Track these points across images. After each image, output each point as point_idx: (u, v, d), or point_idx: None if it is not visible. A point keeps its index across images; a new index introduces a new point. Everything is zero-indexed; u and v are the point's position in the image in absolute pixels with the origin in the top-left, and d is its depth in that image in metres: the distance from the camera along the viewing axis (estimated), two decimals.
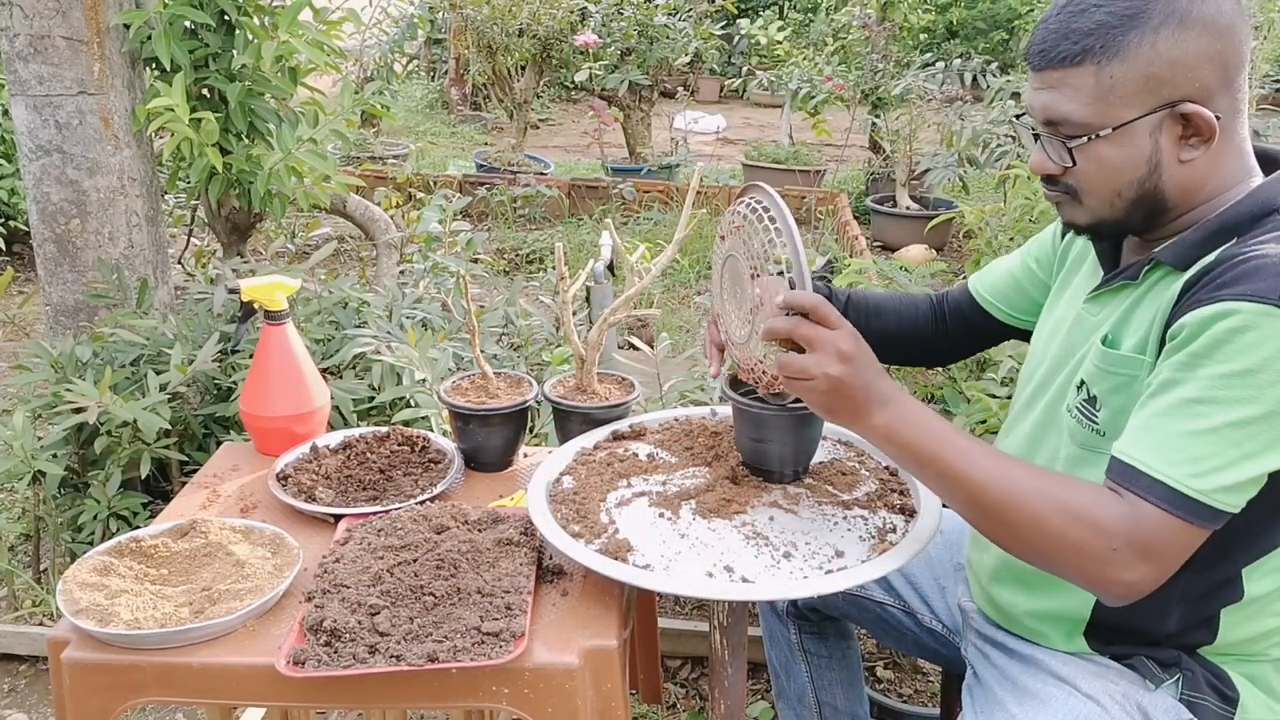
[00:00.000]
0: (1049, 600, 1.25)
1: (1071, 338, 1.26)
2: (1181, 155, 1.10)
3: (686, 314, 4.51)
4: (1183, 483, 1.01)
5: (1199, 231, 1.12)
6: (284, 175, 2.75)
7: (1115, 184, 1.12)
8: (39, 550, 2.47)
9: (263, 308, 1.65)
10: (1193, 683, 1.18)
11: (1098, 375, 1.16)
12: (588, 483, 1.39)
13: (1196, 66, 1.06)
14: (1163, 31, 1.05)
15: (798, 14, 10.17)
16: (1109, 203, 1.14)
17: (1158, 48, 1.05)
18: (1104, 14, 1.06)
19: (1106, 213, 1.15)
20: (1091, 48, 1.07)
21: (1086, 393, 1.18)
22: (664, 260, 1.60)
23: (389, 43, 6.00)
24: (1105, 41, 1.06)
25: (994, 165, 4.31)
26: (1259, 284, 1.01)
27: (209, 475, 1.62)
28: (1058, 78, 1.10)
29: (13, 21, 2.44)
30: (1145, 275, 1.16)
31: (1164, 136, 1.09)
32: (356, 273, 4.38)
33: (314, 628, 1.16)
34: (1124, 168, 1.11)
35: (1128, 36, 1.05)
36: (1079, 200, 1.16)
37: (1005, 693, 1.26)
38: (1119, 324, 1.17)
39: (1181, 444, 1.02)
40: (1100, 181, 1.13)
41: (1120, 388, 1.14)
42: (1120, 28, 1.05)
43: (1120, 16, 1.06)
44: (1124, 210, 1.14)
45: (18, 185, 4.43)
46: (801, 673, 1.69)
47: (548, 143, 8.58)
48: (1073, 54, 1.08)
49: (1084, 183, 1.14)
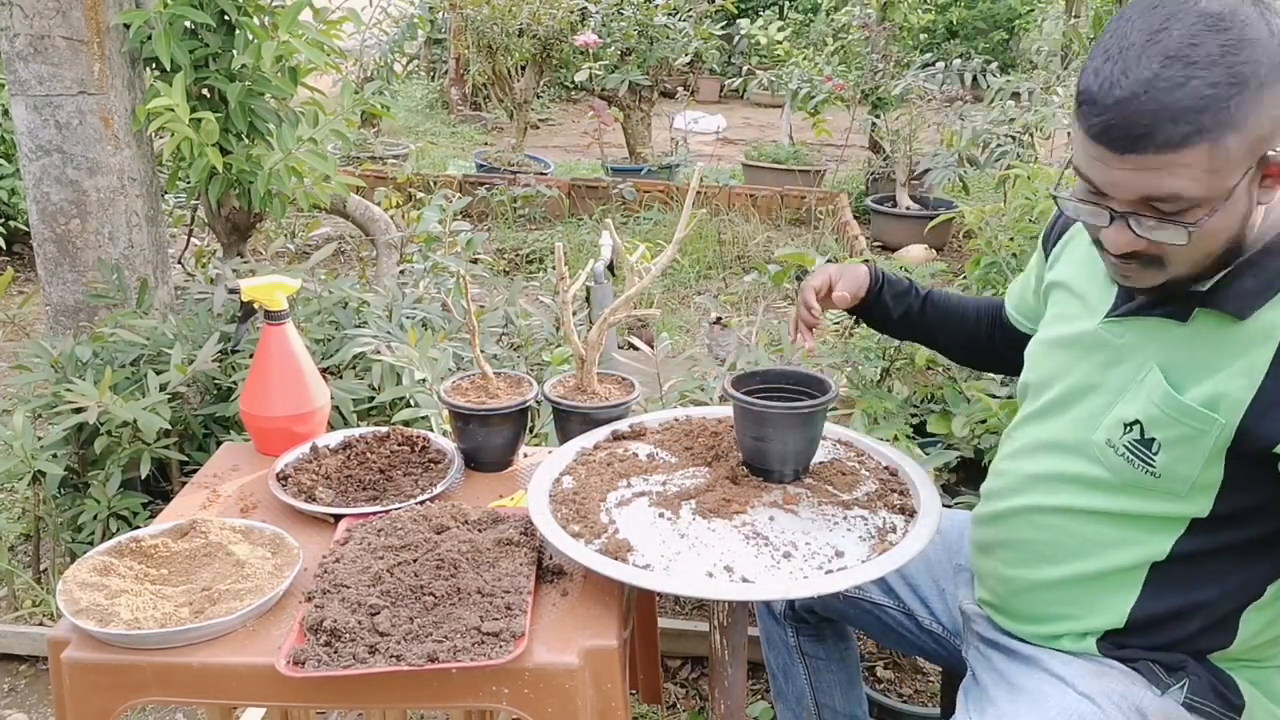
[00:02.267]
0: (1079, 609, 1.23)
1: (1096, 357, 1.21)
2: (1260, 199, 1.05)
3: (686, 314, 4.51)
4: None
5: (1253, 278, 1.07)
6: (284, 175, 2.75)
7: (1210, 247, 1.06)
8: (39, 550, 2.47)
9: (263, 308, 1.65)
10: (1198, 688, 1.18)
11: (1162, 421, 1.11)
12: (588, 483, 1.39)
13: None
14: (1265, 91, 0.97)
15: (798, 14, 10.17)
16: (1196, 264, 1.08)
17: (1263, 107, 0.97)
18: (1207, 86, 0.96)
19: (1187, 272, 1.08)
20: (1205, 126, 0.96)
21: (1140, 433, 1.12)
22: (664, 260, 1.60)
23: (389, 43, 6.00)
24: (1218, 117, 0.96)
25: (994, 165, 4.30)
26: None
27: (209, 475, 1.62)
28: (1165, 160, 0.98)
29: (13, 21, 2.44)
30: (1196, 318, 1.11)
31: (1252, 187, 1.03)
32: (356, 273, 4.38)
33: (314, 628, 1.16)
34: (1223, 230, 1.05)
35: (1240, 105, 0.96)
36: (1161, 267, 1.08)
37: (1000, 691, 1.25)
38: (1176, 367, 1.12)
39: None
40: (1197, 250, 1.06)
41: (1187, 439, 1.10)
42: (1231, 99, 0.96)
43: (1226, 85, 0.96)
44: (1206, 267, 1.08)
45: (18, 185, 4.43)
46: (800, 675, 1.68)
47: (548, 143, 8.58)
48: (1186, 135, 0.97)
49: (1179, 255, 1.06)
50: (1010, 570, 1.30)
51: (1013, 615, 1.32)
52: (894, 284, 1.55)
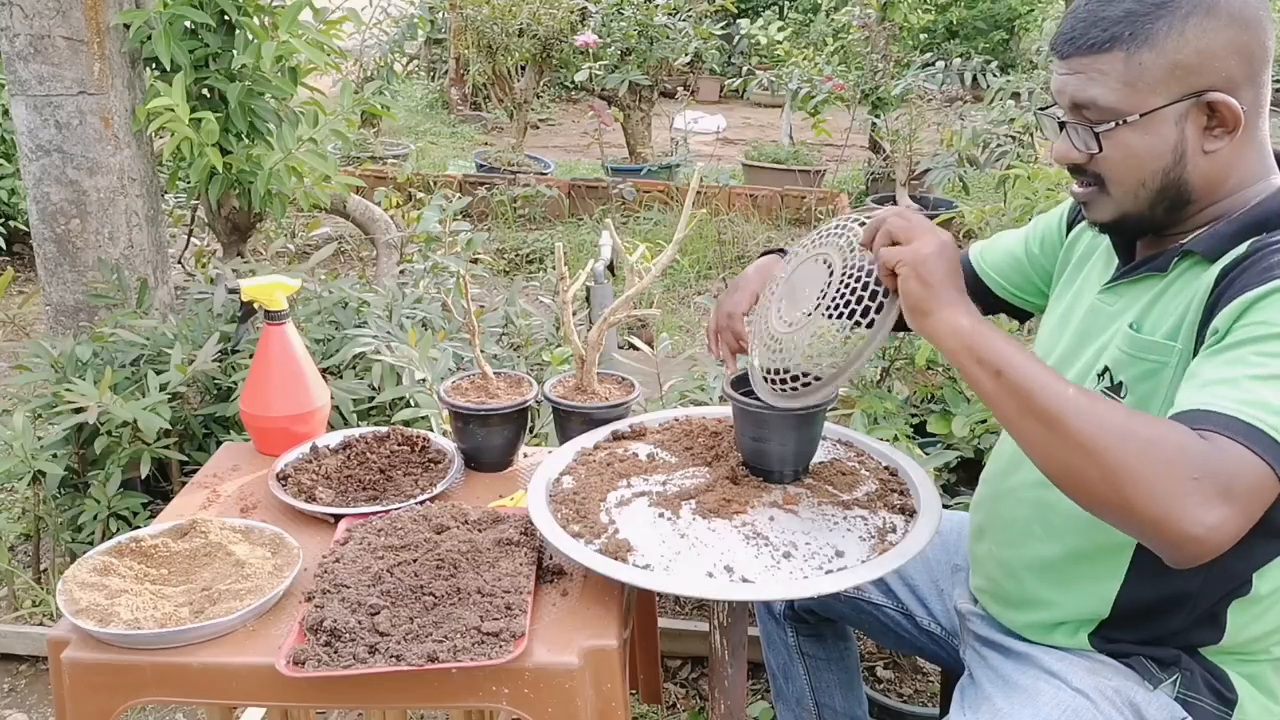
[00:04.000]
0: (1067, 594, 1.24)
1: (1085, 326, 1.26)
2: (1206, 146, 1.11)
3: (686, 314, 4.51)
4: (1261, 419, 0.95)
5: (1232, 225, 1.12)
6: (284, 175, 2.75)
7: (1140, 173, 1.13)
8: (39, 550, 2.47)
9: (263, 308, 1.65)
10: (1190, 683, 1.18)
11: (1125, 361, 1.16)
12: (588, 483, 1.39)
13: (1223, 56, 1.07)
14: (1191, 20, 1.06)
15: (798, 14, 10.17)
16: (1134, 193, 1.14)
17: (1185, 36, 1.06)
18: (1133, 2, 1.08)
19: (1131, 205, 1.15)
20: (1120, 35, 1.08)
21: (1110, 379, 1.18)
22: (664, 260, 1.60)
23: (389, 43, 5.99)
24: (1134, 29, 1.07)
25: (994, 165, 4.30)
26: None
27: (209, 475, 1.62)
28: (1086, 63, 1.11)
29: (13, 21, 2.44)
30: (1174, 265, 1.16)
31: (1189, 126, 1.10)
32: (356, 273, 4.38)
33: (314, 628, 1.16)
34: (1149, 156, 1.11)
35: (1156, 24, 1.07)
36: (1106, 191, 1.16)
37: (995, 689, 1.26)
38: (1144, 312, 1.17)
39: (1249, 388, 0.97)
40: (1126, 170, 1.13)
41: (1148, 374, 1.14)
42: (1149, 15, 1.07)
43: (1149, 5, 1.07)
44: (1148, 201, 1.14)
45: (18, 185, 4.43)
46: (799, 675, 1.69)
47: (548, 143, 8.57)
48: (1101, 40, 1.09)
49: (1110, 171, 1.14)
50: (1001, 551, 1.32)
51: (1005, 601, 1.32)
52: None
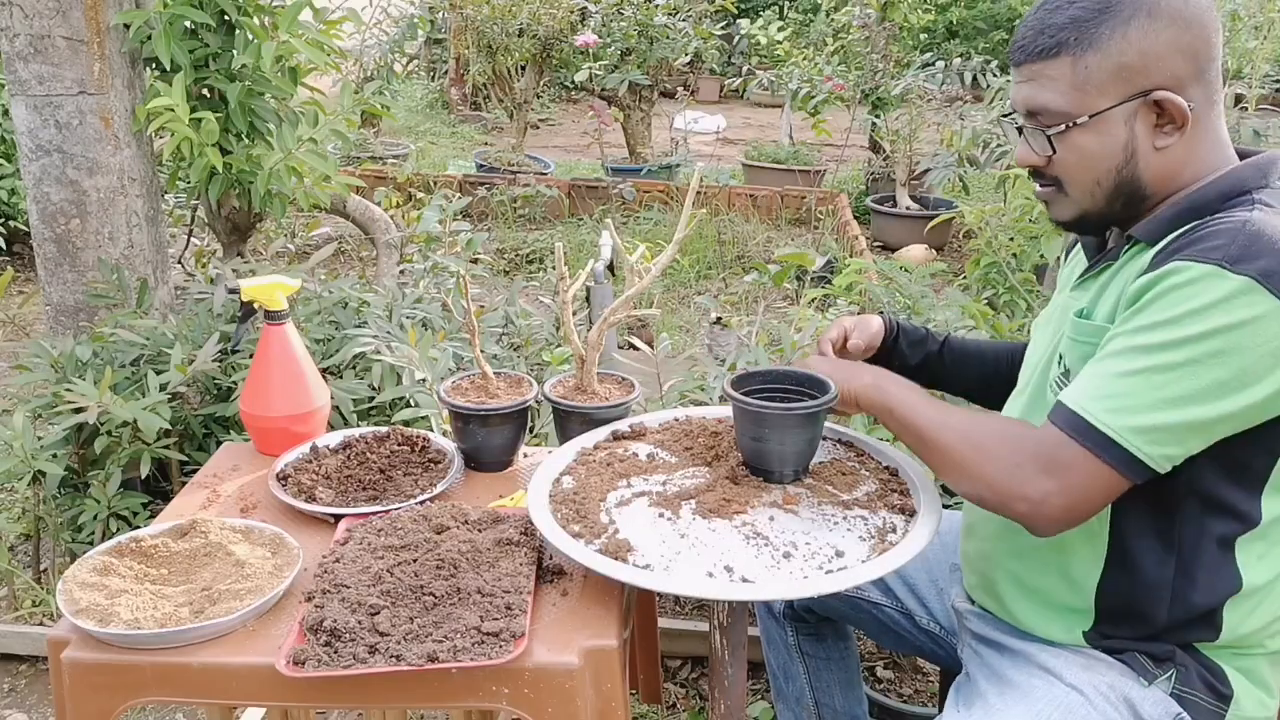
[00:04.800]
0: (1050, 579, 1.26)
1: (1057, 323, 1.31)
2: (1157, 143, 1.16)
3: (686, 314, 4.51)
4: (1093, 415, 1.08)
5: (1170, 209, 1.17)
6: (284, 175, 2.75)
7: (1094, 172, 1.18)
8: (39, 550, 2.47)
9: (263, 308, 1.65)
10: (1186, 678, 1.19)
11: (1070, 346, 1.22)
12: (588, 483, 1.39)
13: (1167, 56, 1.12)
14: (1133, 23, 1.11)
15: (798, 14, 10.16)
16: (1090, 192, 1.19)
17: (1129, 38, 1.11)
18: (1077, 9, 1.13)
19: (1089, 203, 1.20)
20: (1066, 40, 1.13)
21: (1063, 366, 1.23)
22: (664, 260, 1.60)
23: (389, 43, 5.99)
24: (1079, 34, 1.13)
25: (994, 165, 4.30)
26: (1210, 245, 1.07)
27: (209, 475, 1.62)
28: (1036, 70, 1.16)
29: (13, 21, 2.44)
30: (1124, 253, 1.21)
31: (1139, 124, 1.15)
32: (356, 273, 4.38)
33: (314, 628, 1.16)
34: (1102, 156, 1.17)
35: (1100, 29, 1.12)
36: (1064, 191, 1.22)
37: (989, 686, 1.26)
38: (1094, 299, 1.23)
39: (1104, 383, 1.09)
40: (1080, 170, 1.18)
41: (1087, 356, 1.17)
42: (1093, 20, 1.12)
43: (1092, 10, 1.12)
44: (1105, 198, 1.19)
45: (18, 185, 4.43)
46: (799, 674, 1.69)
47: (548, 143, 8.58)
48: (1049, 47, 1.14)
49: (1066, 172, 1.20)
50: (987, 544, 1.34)
51: (995, 593, 1.33)
52: (910, 332, 1.56)
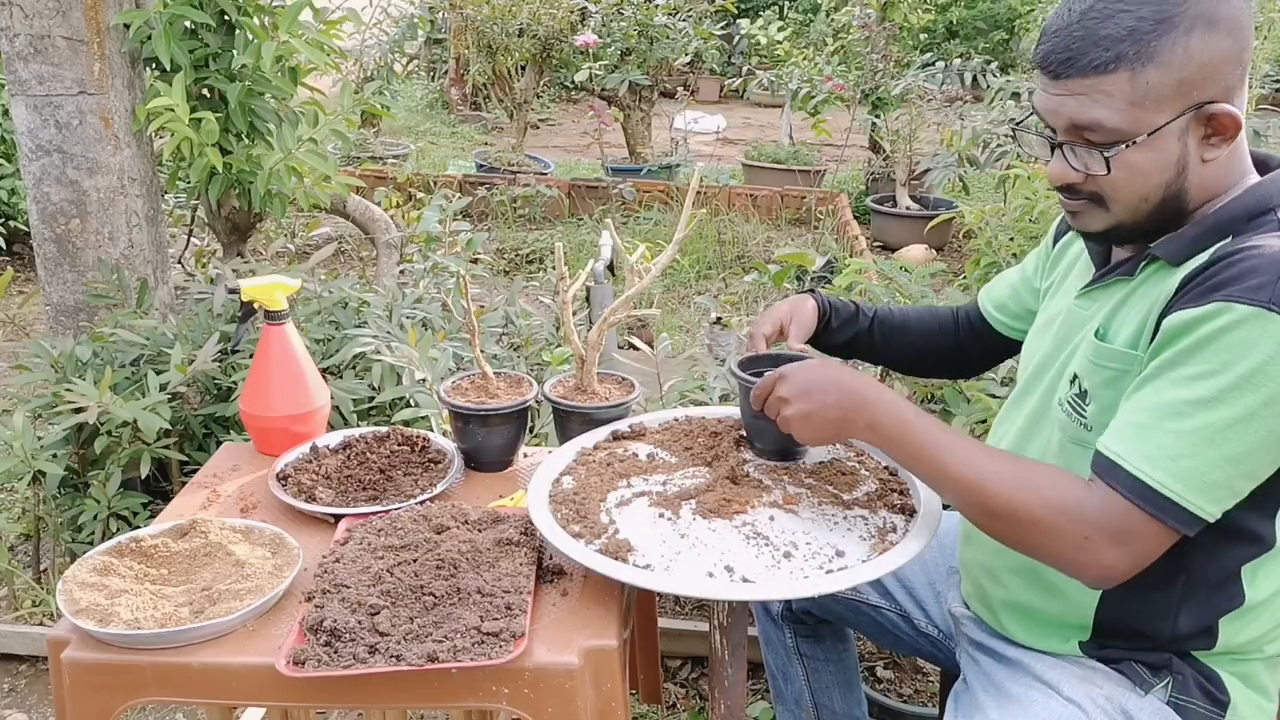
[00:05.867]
0: (1049, 600, 1.25)
1: (1062, 332, 1.27)
2: (1205, 155, 1.10)
3: (686, 314, 4.51)
4: (1160, 481, 1.03)
5: (1195, 228, 1.12)
6: (284, 175, 2.75)
7: (1144, 189, 1.11)
8: (39, 550, 2.47)
9: (263, 308, 1.65)
10: (1183, 686, 1.18)
11: (1090, 369, 1.17)
12: (588, 483, 1.39)
13: (1222, 67, 1.06)
14: (1194, 35, 1.04)
15: (798, 14, 10.16)
16: (1135, 208, 1.13)
17: (1190, 51, 1.05)
18: (1134, 19, 1.05)
19: (1129, 218, 1.14)
20: (1125, 54, 1.05)
21: (1079, 387, 1.19)
22: (664, 260, 1.60)
23: (389, 43, 5.99)
24: (1139, 47, 1.05)
25: (994, 165, 4.30)
26: (1251, 283, 1.02)
27: (209, 475, 1.62)
28: (1088, 85, 1.08)
29: (13, 21, 2.44)
30: (1140, 270, 1.17)
31: (1190, 138, 1.09)
32: (356, 273, 4.38)
33: (314, 628, 1.16)
34: (1153, 172, 1.10)
35: (1161, 41, 1.04)
36: (1103, 207, 1.15)
37: (987, 697, 1.26)
38: (1110, 317, 1.18)
39: (1163, 441, 1.04)
40: (1130, 188, 1.12)
41: (1111, 382, 1.15)
42: (1153, 33, 1.04)
43: (1152, 22, 1.05)
44: (1147, 214, 1.13)
45: (18, 185, 4.43)
46: (798, 676, 1.68)
47: (548, 143, 8.57)
48: (1105, 60, 1.06)
49: (1112, 190, 1.12)
50: (986, 557, 1.32)
51: (992, 605, 1.32)
52: (840, 311, 1.57)
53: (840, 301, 1.57)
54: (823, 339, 1.57)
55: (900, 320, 1.58)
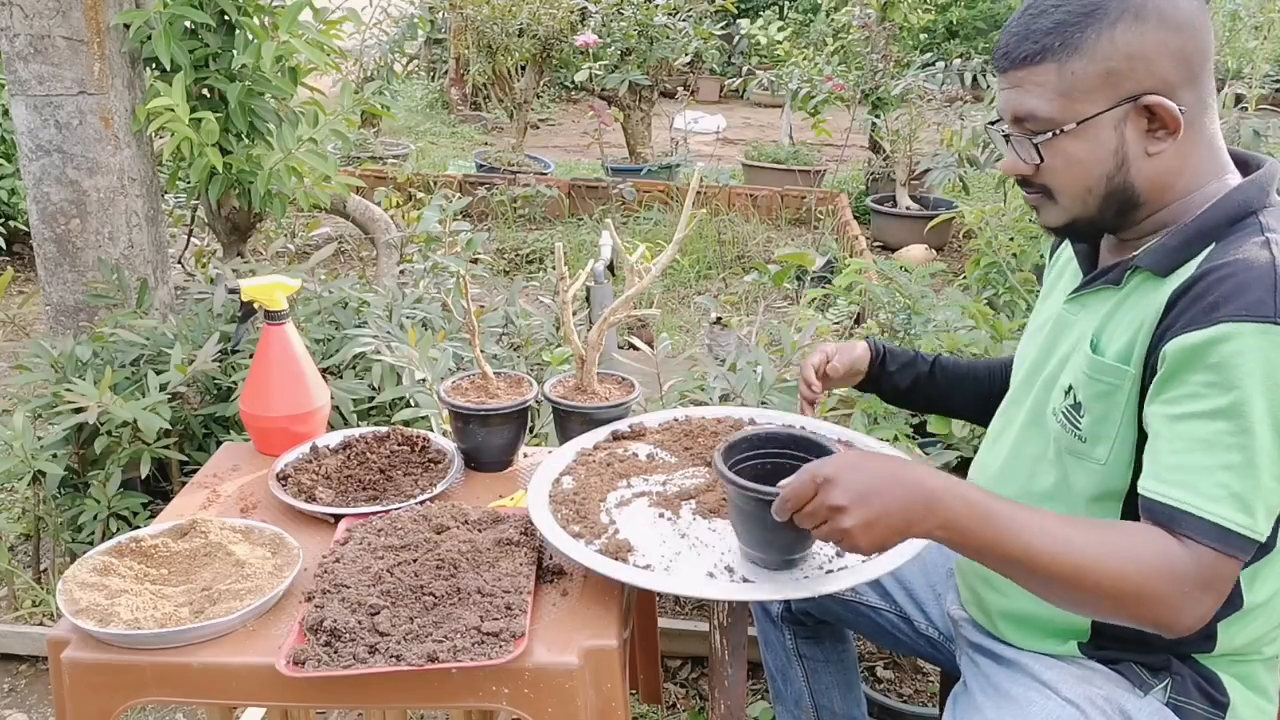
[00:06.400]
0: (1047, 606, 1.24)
1: (1051, 337, 1.27)
2: (1149, 149, 1.12)
3: (686, 314, 4.51)
4: (1234, 521, 1.01)
5: (1177, 237, 1.13)
6: (284, 175, 2.75)
7: (1085, 180, 1.14)
8: (39, 550, 2.47)
9: (263, 308, 1.65)
10: (1181, 687, 1.18)
11: (1084, 381, 1.17)
12: (588, 483, 1.39)
13: (1155, 59, 1.08)
14: (1119, 26, 1.08)
15: (798, 14, 10.16)
16: (1081, 200, 1.16)
17: (1115, 42, 1.08)
18: (1062, 13, 1.10)
19: (1080, 210, 1.17)
20: (1051, 45, 1.10)
21: (1073, 398, 1.18)
22: (664, 260, 1.60)
23: (389, 43, 5.99)
24: (1064, 39, 1.09)
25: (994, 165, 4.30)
26: (1250, 299, 1.02)
27: (209, 475, 1.62)
28: (1021, 76, 1.13)
29: (13, 21, 2.44)
30: (1127, 279, 1.17)
31: (1129, 130, 1.11)
32: (356, 273, 4.38)
33: (314, 628, 1.16)
34: (1091, 162, 1.13)
35: (1085, 33, 1.09)
36: (1053, 199, 1.18)
37: (985, 698, 1.26)
38: (1101, 328, 1.18)
39: (1220, 479, 1.02)
40: (1070, 178, 1.15)
41: (1103, 395, 1.14)
42: (1077, 25, 1.09)
43: (1077, 15, 1.09)
44: (1097, 206, 1.16)
45: (18, 185, 4.43)
46: (798, 677, 1.68)
47: (548, 143, 8.57)
48: (1034, 53, 1.11)
49: (1055, 180, 1.16)
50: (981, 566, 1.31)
51: (989, 612, 1.32)
52: (896, 355, 1.56)
53: (895, 347, 1.58)
54: (882, 382, 1.57)
55: (967, 369, 1.58)
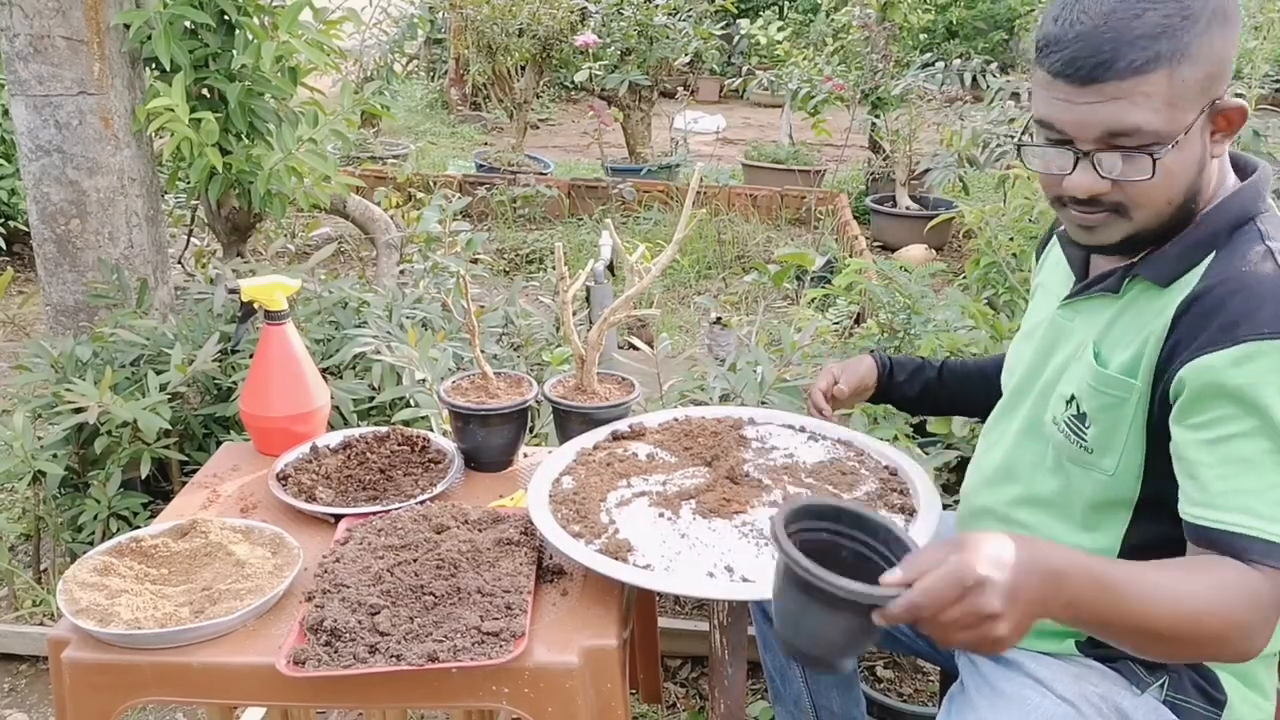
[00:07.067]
0: None
1: (1046, 342, 1.25)
2: (1214, 151, 1.08)
3: (686, 314, 4.51)
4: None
5: (1177, 245, 1.10)
6: (284, 175, 2.75)
7: (1169, 192, 1.07)
8: (39, 550, 2.47)
9: (263, 308, 1.65)
10: (1178, 685, 1.18)
11: (1089, 392, 1.15)
12: (588, 483, 1.39)
13: (1231, 59, 1.05)
14: (1214, 28, 1.02)
15: (798, 14, 10.16)
16: (1159, 213, 1.09)
17: (1213, 45, 1.02)
18: (1160, 16, 1.00)
19: (1151, 224, 1.09)
20: (1163, 52, 1.00)
21: (1076, 408, 1.17)
22: (664, 260, 1.60)
23: (389, 43, 5.99)
24: (1174, 44, 1.00)
25: (994, 165, 4.30)
26: (1266, 314, 1.00)
27: (209, 475, 1.62)
28: (1126, 88, 1.01)
29: (13, 21, 2.44)
30: (1126, 288, 1.15)
31: (1205, 134, 1.07)
32: (356, 273, 4.38)
33: (314, 627, 1.16)
34: (1182, 173, 1.06)
35: (1188, 35, 1.01)
36: (1127, 215, 1.09)
37: (981, 697, 1.25)
38: (1103, 338, 1.16)
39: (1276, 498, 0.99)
40: (1159, 192, 1.07)
41: (1109, 408, 1.13)
42: (1182, 28, 1.01)
43: (1179, 18, 1.00)
44: (1170, 217, 1.09)
45: (18, 185, 4.43)
46: (796, 677, 1.68)
47: (548, 143, 8.57)
48: (1145, 60, 1.00)
49: (1142, 195, 1.07)
50: None
51: None
52: (903, 364, 1.56)
53: (901, 356, 1.58)
54: (891, 394, 1.57)
55: (975, 369, 1.57)
